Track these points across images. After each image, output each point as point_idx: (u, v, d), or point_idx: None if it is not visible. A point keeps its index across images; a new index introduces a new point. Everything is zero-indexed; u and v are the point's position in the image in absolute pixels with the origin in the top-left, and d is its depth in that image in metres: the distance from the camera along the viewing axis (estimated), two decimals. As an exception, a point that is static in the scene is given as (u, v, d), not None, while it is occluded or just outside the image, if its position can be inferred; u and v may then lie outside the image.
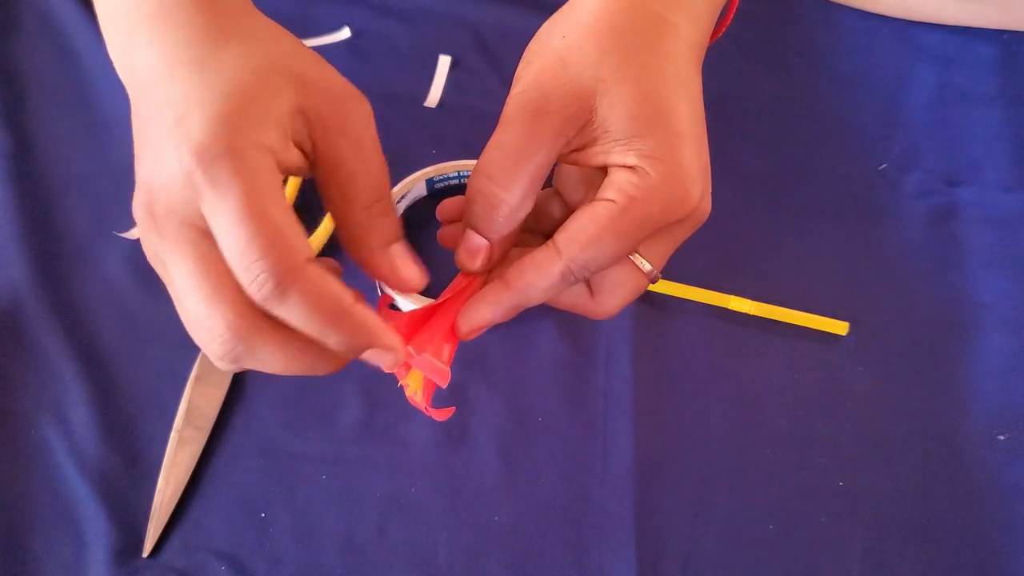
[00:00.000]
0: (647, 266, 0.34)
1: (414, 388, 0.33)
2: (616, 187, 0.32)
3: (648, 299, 0.49)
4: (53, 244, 0.50)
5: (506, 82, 0.56)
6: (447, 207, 0.39)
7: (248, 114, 0.27)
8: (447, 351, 0.33)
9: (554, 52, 0.33)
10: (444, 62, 0.57)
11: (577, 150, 0.33)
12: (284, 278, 0.26)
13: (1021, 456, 0.45)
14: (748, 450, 0.45)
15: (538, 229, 0.38)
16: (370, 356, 0.30)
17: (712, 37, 0.37)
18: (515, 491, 0.44)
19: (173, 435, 0.45)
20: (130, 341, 0.47)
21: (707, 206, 0.34)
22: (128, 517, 0.43)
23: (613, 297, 0.35)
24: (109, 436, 0.45)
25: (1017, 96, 0.55)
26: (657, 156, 0.31)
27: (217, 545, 0.43)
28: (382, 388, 0.47)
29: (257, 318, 0.28)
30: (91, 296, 0.49)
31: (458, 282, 0.35)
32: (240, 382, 0.47)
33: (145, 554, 0.42)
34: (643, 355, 0.47)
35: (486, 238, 0.33)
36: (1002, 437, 0.45)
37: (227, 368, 0.29)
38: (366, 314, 0.29)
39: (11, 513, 0.43)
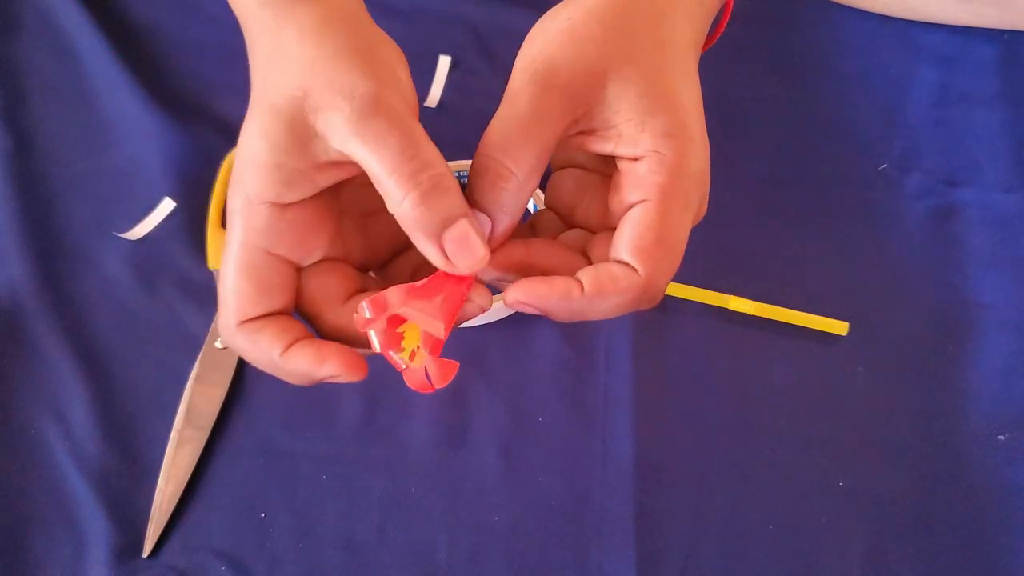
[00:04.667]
0: None
1: (411, 344, 0.31)
2: (639, 183, 0.31)
3: (648, 299, 0.49)
4: (53, 244, 0.50)
5: (506, 81, 0.56)
6: None
7: (260, 181, 0.30)
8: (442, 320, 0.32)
9: (559, 31, 0.32)
10: (444, 62, 0.57)
11: (586, 132, 0.32)
12: (225, 338, 0.32)
13: (1021, 456, 0.45)
14: (748, 450, 0.45)
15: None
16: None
17: (704, 45, 0.38)
18: (515, 491, 0.44)
19: (173, 435, 0.45)
20: (130, 341, 0.47)
21: (705, 204, 0.34)
22: (128, 517, 0.43)
23: (656, 266, 0.33)
24: (109, 436, 0.45)
25: (1017, 96, 0.55)
26: (670, 133, 0.31)
27: (217, 545, 0.43)
28: (382, 388, 0.47)
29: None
30: (91, 296, 0.49)
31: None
32: (240, 382, 0.47)
33: (145, 554, 0.42)
34: (643, 355, 0.47)
35: (490, 216, 0.32)
36: (1002, 437, 0.45)
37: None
38: (298, 360, 0.31)
39: (11, 513, 0.43)
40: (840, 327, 0.48)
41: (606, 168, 0.35)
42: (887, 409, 0.46)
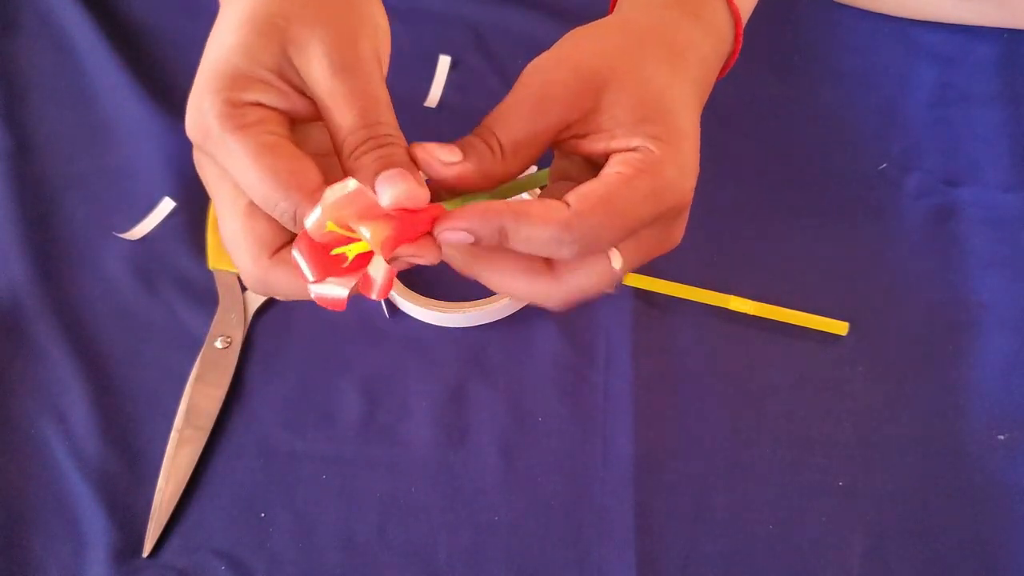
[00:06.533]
0: (618, 260, 0.33)
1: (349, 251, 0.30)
2: (621, 161, 0.32)
3: (648, 299, 0.49)
4: (53, 244, 0.50)
5: (506, 82, 0.56)
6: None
7: (233, 79, 0.30)
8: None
9: (574, 39, 0.34)
10: (444, 62, 0.57)
11: (579, 136, 0.33)
12: (303, 211, 0.29)
13: (1021, 456, 0.45)
14: (748, 450, 0.45)
15: None
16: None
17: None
18: (515, 491, 0.44)
19: (173, 435, 0.45)
20: (130, 341, 0.47)
21: (682, 230, 0.35)
22: (128, 517, 0.43)
23: (575, 277, 0.33)
24: (109, 436, 0.45)
25: (1017, 96, 0.55)
26: (661, 138, 0.32)
27: (217, 545, 0.43)
28: (382, 388, 0.47)
29: (271, 260, 0.31)
30: (91, 296, 0.49)
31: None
32: (240, 382, 0.47)
33: (145, 554, 0.42)
34: (643, 355, 0.47)
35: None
36: (1002, 437, 0.45)
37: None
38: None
39: (11, 513, 0.43)
40: (840, 327, 0.48)
41: None
42: (887, 409, 0.46)
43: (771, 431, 0.46)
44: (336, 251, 0.30)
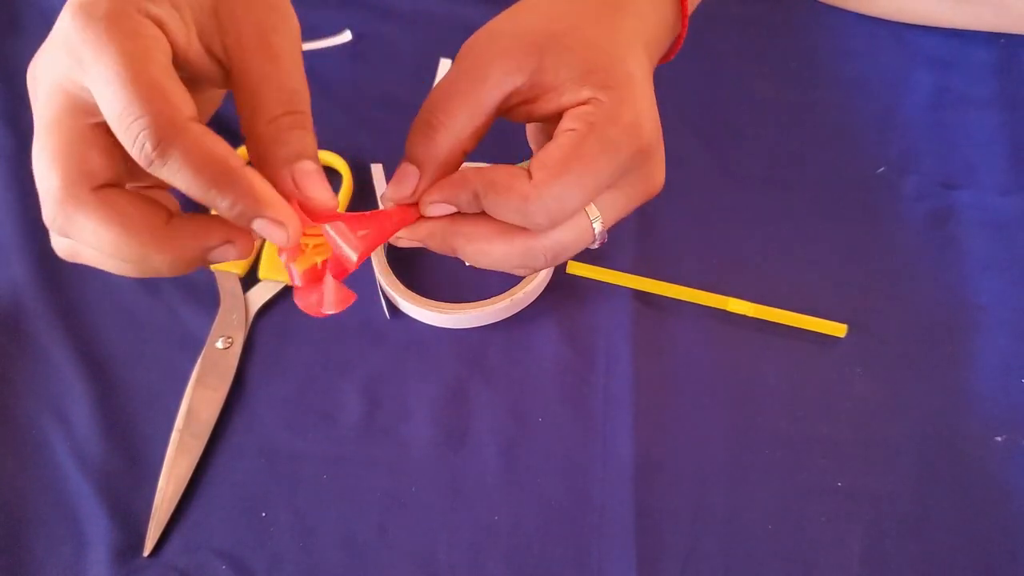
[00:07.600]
0: (594, 212, 0.34)
1: (311, 260, 0.30)
2: (573, 117, 0.32)
3: (648, 300, 0.49)
4: (54, 244, 0.50)
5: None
6: None
7: None
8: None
9: (508, 12, 0.35)
10: (445, 65, 0.57)
11: (528, 101, 0.33)
12: (165, 135, 0.25)
13: (1019, 457, 0.45)
14: (748, 450, 0.45)
15: None
16: (260, 228, 0.28)
17: (665, 57, 0.40)
18: (515, 491, 0.44)
19: (174, 435, 0.45)
20: (130, 341, 0.48)
21: (661, 172, 0.35)
22: (129, 516, 0.43)
23: (553, 233, 0.33)
24: (110, 436, 0.45)
25: (1014, 100, 0.56)
26: (609, 85, 0.32)
27: (218, 544, 0.43)
28: (382, 388, 0.47)
29: (83, 191, 0.27)
30: (92, 296, 0.49)
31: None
32: (241, 383, 0.47)
33: (146, 553, 0.42)
34: (643, 356, 0.47)
35: (418, 165, 0.33)
36: (1000, 438, 0.45)
37: (58, 244, 0.30)
38: (256, 179, 0.27)
39: (11, 513, 0.43)
40: (838, 329, 0.48)
41: None
42: (885, 410, 0.46)
43: (771, 431, 0.46)
44: (307, 253, 0.30)
